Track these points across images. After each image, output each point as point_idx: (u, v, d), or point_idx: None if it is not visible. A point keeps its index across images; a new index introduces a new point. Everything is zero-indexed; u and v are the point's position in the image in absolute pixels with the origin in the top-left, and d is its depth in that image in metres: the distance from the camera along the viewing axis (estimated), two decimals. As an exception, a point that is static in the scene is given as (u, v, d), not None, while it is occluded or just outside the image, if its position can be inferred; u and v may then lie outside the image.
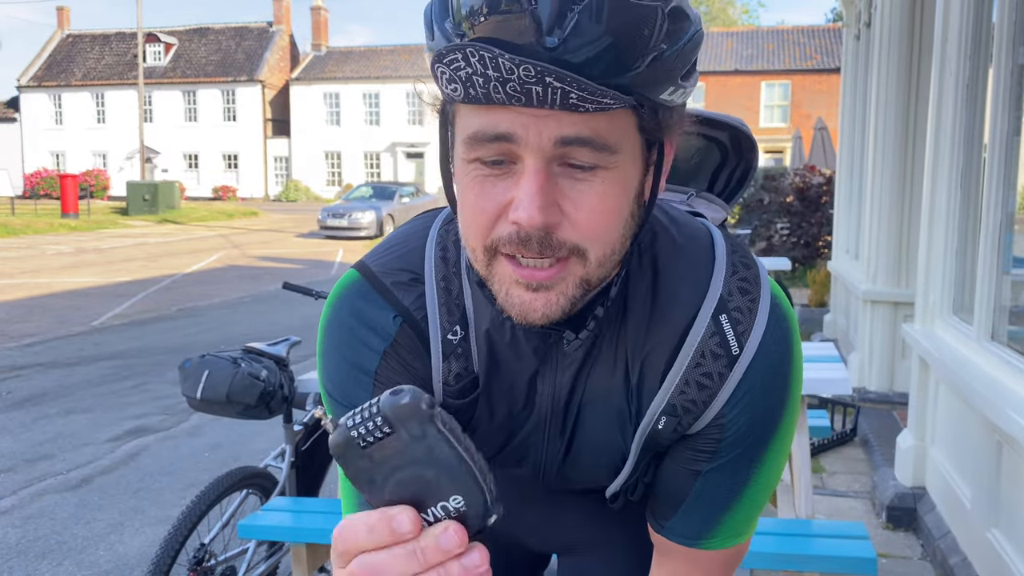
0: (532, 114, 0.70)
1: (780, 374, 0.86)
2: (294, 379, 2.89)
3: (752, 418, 0.86)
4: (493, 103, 0.69)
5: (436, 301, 0.89)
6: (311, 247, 18.53)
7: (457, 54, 0.67)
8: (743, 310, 0.85)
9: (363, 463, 0.60)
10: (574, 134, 0.70)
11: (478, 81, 0.68)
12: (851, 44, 7.29)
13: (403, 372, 0.89)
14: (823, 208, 10.78)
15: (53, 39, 46.52)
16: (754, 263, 0.88)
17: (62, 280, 12.23)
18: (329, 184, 42.17)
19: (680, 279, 0.86)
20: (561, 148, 0.71)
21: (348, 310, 0.90)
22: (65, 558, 3.49)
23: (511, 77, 0.66)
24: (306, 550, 2.52)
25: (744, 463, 0.89)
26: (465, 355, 0.89)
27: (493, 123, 0.71)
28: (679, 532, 0.94)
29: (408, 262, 0.90)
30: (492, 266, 0.77)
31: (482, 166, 0.74)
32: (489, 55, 0.65)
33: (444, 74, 0.69)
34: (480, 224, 0.75)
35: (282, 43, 43.72)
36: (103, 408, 5.71)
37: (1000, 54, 3.09)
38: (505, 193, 0.73)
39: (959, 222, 3.56)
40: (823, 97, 32.69)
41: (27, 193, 38.20)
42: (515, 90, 0.67)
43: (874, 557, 2.12)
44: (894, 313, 5.28)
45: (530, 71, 0.65)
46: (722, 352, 0.84)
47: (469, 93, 0.69)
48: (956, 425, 3.36)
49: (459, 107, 0.75)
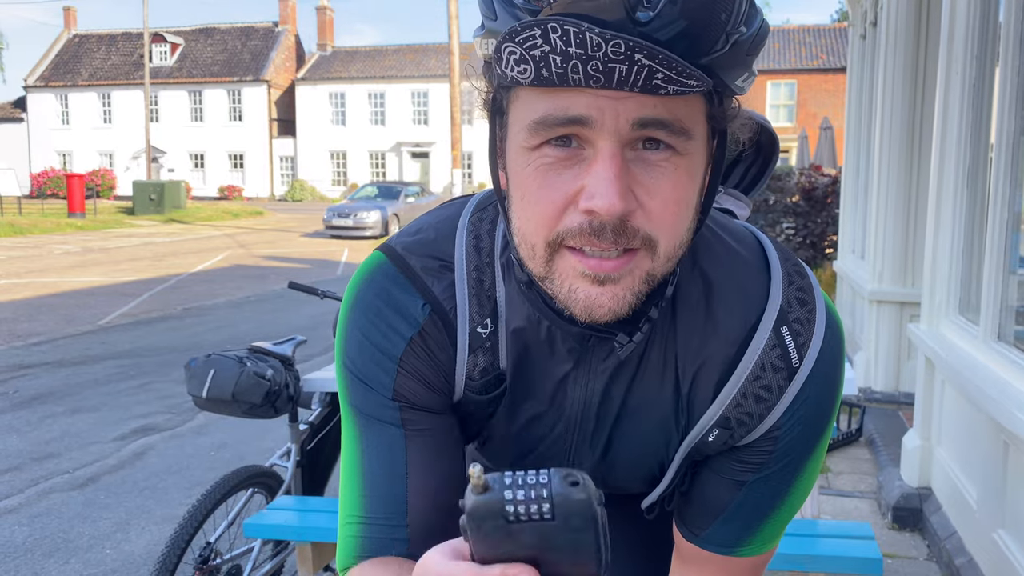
0: (610, 96, 0.66)
1: (832, 384, 0.85)
2: (300, 378, 2.90)
3: (804, 429, 0.84)
4: (568, 85, 0.65)
5: (467, 292, 0.85)
6: (317, 247, 18.56)
7: (535, 30, 0.62)
8: (802, 321, 0.82)
9: (498, 532, 0.54)
10: (654, 116, 0.67)
11: (555, 60, 0.63)
12: (857, 43, 7.27)
13: (428, 362, 0.85)
14: (829, 208, 10.75)
15: (60, 39, 46.68)
16: (806, 271, 0.86)
17: (69, 279, 12.27)
18: (334, 184, 42.24)
19: (736, 288, 0.82)
20: (637, 132, 0.68)
21: (376, 291, 0.86)
22: (71, 556, 3.51)
23: (595, 55, 0.62)
24: (311, 549, 2.52)
25: (789, 472, 0.87)
26: (493, 350, 0.85)
27: (564, 106, 0.67)
28: (716, 541, 0.90)
29: (438, 249, 0.86)
30: (553, 261, 0.72)
31: (549, 152, 0.70)
32: (576, 29, 0.61)
33: (514, 54, 0.65)
34: (546, 215, 0.71)
35: (288, 43, 43.80)
36: (109, 407, 5.73)
37: (1007, 53, 3.07)
38: (573, 181, 0.70)
39: (965, 222, 3.55)
40: (829, 96, 32.63)
41: (34, 193, 38.35)
42: (596, 69, 0.63)
43: (879, 557, 2.12)
44: (900, 313, 5.27)
45: (619, 47, 0.61)
46: (783, 365, 0.82)
47: (541, 75, 0.65)
48: (962, 425, 3.35)
49: (519, 92, 0.71)
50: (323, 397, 3.07)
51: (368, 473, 0.85)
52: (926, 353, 3.71)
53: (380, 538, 0.84)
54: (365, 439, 0.86)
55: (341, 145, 42.38)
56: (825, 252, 10.97)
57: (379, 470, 0.85)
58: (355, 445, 0.87)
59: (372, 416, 0.86)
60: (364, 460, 0.86)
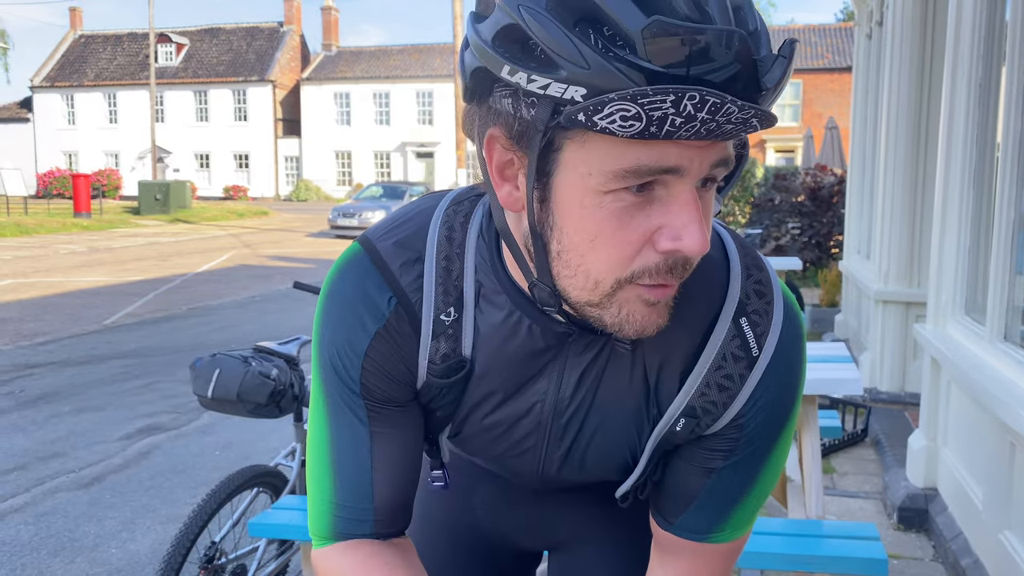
0: (699, 146, 0.68)
1: (793, 372, 0.89)
2: (304, 378, 2.90)
3: (768, 416, 0.89)
4: (670, 139, 0.66)
5: (434, 281, 0.88)
6: (322, 246, 18.58)
7: (668, 96, 0.61)
8: (761, 312, 0.87)
9: None
10: (724, 156, 0.71)
11: (674, 121, 0.63)
12: (863, 43, 7.26)
13: (391, 354, 0.90)
14: (834, 208, 10.72)
15: (66, 40, 46.82)
16: (764, 265, 0.90)
17: (74, 279, 12.30)
18: (340, 184, 42.30)
19: (696, 282, 0.84)
20: (711, 171, 0.71)
21: (349, 283, 0.90)
22: (77, 555, 3.52)
23: (720, 119, 0.63)
24: (316, 548, 2.52)
25: (756, 458, 0.91)
26: (456, 337, 0.89)
27: (657, 157, 0.67)
28: (689, 528, 0.95)
29: (412, 241, 0.90)
30: (615, 294, 0.75)
31: (626, 197, 0.70)
32: (717, 101, 0.61)
33: (626, 112, 0.63)
34: (623, 256, 0.72)
35: (293, 43, 43.86)
36: (115, 406, 5.74)
37: (1013, 53, 3.07)
38: (647, 222, 0.71)
39: (972, 222, 3.54)
40: (834, 96, 32.56)
41: (40, 193, 38.50)
42: (709, 130, 0.64)
43: (885, 558, 2.11)
44: (906, 313, 5.26)
45: (748, 113, 0.64)
46: (743, 354, 0.86)
47: (649, 131, 0.64)
48: (968, 426, 3.34)
49: (591, 136, 0.68)
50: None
51: (338, 463, 0.94)
52: (932, 353, 3.70)
53: (350, 519, 0.95)
54: (335, 428, 0.93)
55: (346, 145, 42.43)
56: (831, 252, 10.95)
57: (348, 461, 0.93)
58: (325, 430, 0.95)
59: (342, 404, 0.92)
60: (334, 449, 0.94)
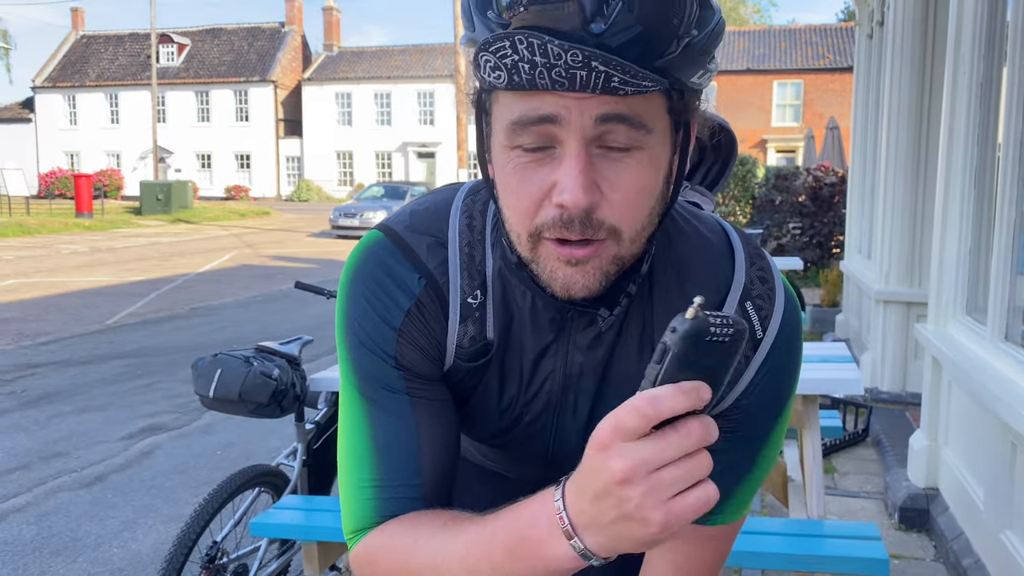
0: (575, 97, 0.73)
1: (792, 356, 0.93)
2: (306, 378, 2.90)
3: (768, 398, 0.92)
4: (537, 89, 0.73)
5: (459, 265, 0.92)
6: (323, 247, 18.59)
7: (504, 42, 0.70)
8: (764, 297, 0.91)
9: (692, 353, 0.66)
10: (614, 111, 0.74)
11: (523, 67, 0.71)
12: (864, 43, 7.26)
13: (423, 331, 0.92)
14: (835, 208, 10.72)
15: (67, 40, 46.86)
16: (765, 255, 0.95)
17: (76, 279, 12.31)
18: (341, 184, 42.30)
19: (705, 267, 0.91)
20: (601, 127, 0.75)
21: (376, 263, 0.92)
22: (79, 555, 3.52)
23: (558, 63, 0.70)
24: (317, 548, 2.53)
25: (756, 439, 0.94)
26: (482, 320, 0.92)
27: (535, 107, 0.75)
28: None
29: (434, 227, 0.93)
30: (537, 249, 0.81)
31: (523, 153, 0.77)
32: (538, 41, 0.69)
33: (488, 62, 0.73)
34: (524, 208, 0.79)
35: (294, 43, 43.88)
36: (117, 406, 5.75)
37: (1015, 53, 3.07)
38: (547, 177, 0.77)
39: (973, 222, 3.54)
40: (835, 96, 32.54)
41: (42, 193, 38.53)
42: (560, 75, 0.70)
43: (886, 558, 2.11)
44: (907, 313, 5.25)
45: (577, 56, 0.69)
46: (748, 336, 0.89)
47: (513, 80, 0.73)
48: (969, 426, 3.34)
49: (498, 95, 0.78)
50: (329, 397, 3.08)
51: (382, 438, 0.91)
52: (933, 353, 3.70)
53: (399, 498, 0.91)
54: (373, 408, 0.92)
55: (347, 145, 42.44)
56: (832, 252, 10.94)
57: (392, 435, 0.91)
58: (362, 413, 0.93)
59: (379, 383, 0.92)
60: (376, 427, 0.92)
